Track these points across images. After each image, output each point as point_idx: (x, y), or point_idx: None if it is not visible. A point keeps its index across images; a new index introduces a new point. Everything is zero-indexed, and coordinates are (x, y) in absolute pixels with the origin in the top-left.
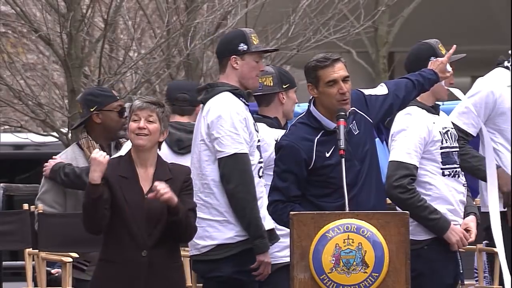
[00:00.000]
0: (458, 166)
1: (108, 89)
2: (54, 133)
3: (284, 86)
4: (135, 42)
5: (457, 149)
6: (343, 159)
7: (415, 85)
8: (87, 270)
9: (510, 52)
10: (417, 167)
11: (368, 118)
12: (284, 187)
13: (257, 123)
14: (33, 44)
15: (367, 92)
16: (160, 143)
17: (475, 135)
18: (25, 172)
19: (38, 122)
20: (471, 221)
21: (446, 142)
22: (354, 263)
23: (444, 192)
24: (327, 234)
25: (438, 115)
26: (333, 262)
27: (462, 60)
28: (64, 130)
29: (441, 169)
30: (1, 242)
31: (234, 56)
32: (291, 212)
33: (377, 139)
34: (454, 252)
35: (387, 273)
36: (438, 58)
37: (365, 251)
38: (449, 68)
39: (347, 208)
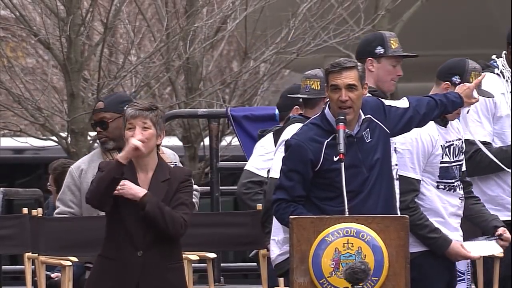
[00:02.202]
0: (457, 180)
1: None
2: (54, 137)
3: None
4: (134, 46)
5: (459, 163)
6: (342, 163)
7: (437, 104)
8: None
9: (496, 55)
10: (420, 181)
11: (385, 128)
12: (289, 186)
13: (298, 124)
14: (33, 48)
15: (387, 102)
16: (158, 146)
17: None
18: (24, 176)
19: (37, 126)
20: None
21: (445, 157)
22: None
23: (436, 204)
24: (326, 238)
25: (445, 127)
26: (333, 266)
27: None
28: (64, 134)
29: (437, 182)
30: (0, 246)
31: (371, 58)
32: (291, 216)
33: None
34: (449, 260)
35: (386, 277)
36: (465, 83)
37: (365, 255)
38: (475, 94)
39: (346, 213)
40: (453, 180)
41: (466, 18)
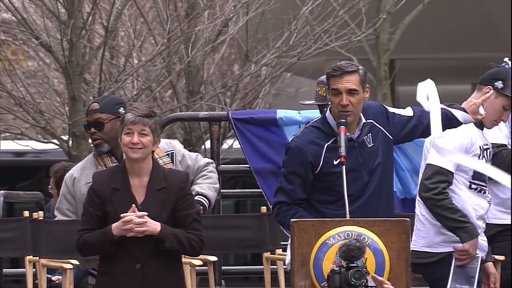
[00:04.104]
0: (486, 185)
1: None
2: (55, 140)
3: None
4: (135, 49)
5: None
6: (343, 166)
7: (441, 117)
8: None
9: (509, 58)
10: (453, 175)
11: (388, 134)
12: (290, 189)
13: None
14: (34, 51)
15: (391, 109)
16: (153, 151)
17: None
18: (25, 179)
19: (38, 129)
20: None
21: (482, 159)
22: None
23: (466, 205)
24: (327, 241)
25: (482, 130)
26: (335, 265)
27: (462, 67)
28: (65, 137)
29: (469, 182)
30: (1, 250)
31: None
32: (292, 219)
33: None
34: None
35: (387, 280)
36: (472, 99)
37: (366, 258)
38: (481, 111)
39: (347, 216)
40: (484, 184)
41: (467, 21)
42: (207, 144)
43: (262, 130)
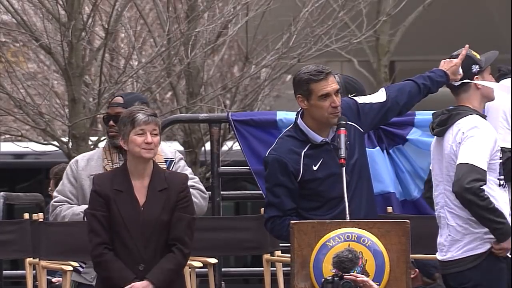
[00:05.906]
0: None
1: None
2: (55, 142)
3: (349, 96)
4: (135, 51)
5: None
6: (343, 168)
7: (420, 89)
8: (83, 272)
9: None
10: (486, 173)
11: (359, 128)
12: (278, 202)
13: None
14: (34, 53)
15: (361, 100)
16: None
17: None
18: (25, 181)
19: (38, 131)
20: None
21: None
22: (355, 272)
23: (501, 204)
24: (327, 243)
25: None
26: (334, 271)
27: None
28: (65, 139)
29: (498, 179)
30: (1, 251)
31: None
32: (292, 222)
33: (377, 148)
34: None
35: (387, 282)
36: (452, 59)
37: (366, 260)
38: (460, 70)
39: (347, 217)
40: (502, 176)
41: (467, 23)
42: (207, 146)
43: (262, 131)
